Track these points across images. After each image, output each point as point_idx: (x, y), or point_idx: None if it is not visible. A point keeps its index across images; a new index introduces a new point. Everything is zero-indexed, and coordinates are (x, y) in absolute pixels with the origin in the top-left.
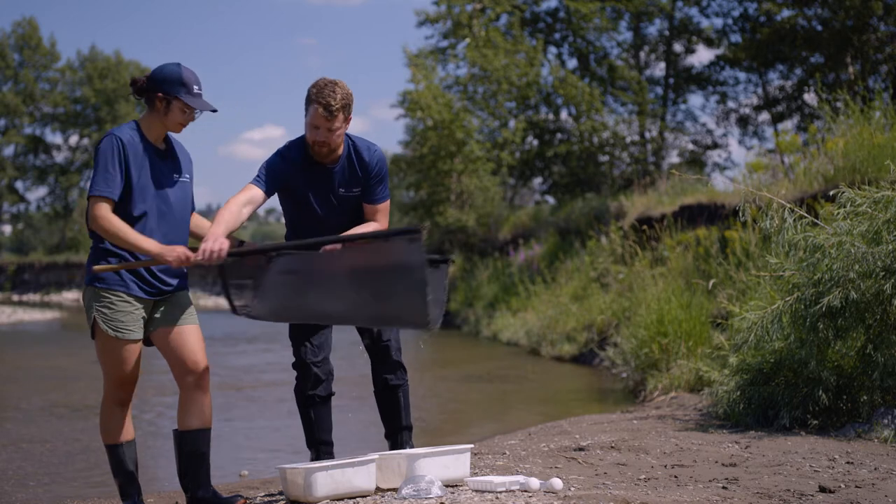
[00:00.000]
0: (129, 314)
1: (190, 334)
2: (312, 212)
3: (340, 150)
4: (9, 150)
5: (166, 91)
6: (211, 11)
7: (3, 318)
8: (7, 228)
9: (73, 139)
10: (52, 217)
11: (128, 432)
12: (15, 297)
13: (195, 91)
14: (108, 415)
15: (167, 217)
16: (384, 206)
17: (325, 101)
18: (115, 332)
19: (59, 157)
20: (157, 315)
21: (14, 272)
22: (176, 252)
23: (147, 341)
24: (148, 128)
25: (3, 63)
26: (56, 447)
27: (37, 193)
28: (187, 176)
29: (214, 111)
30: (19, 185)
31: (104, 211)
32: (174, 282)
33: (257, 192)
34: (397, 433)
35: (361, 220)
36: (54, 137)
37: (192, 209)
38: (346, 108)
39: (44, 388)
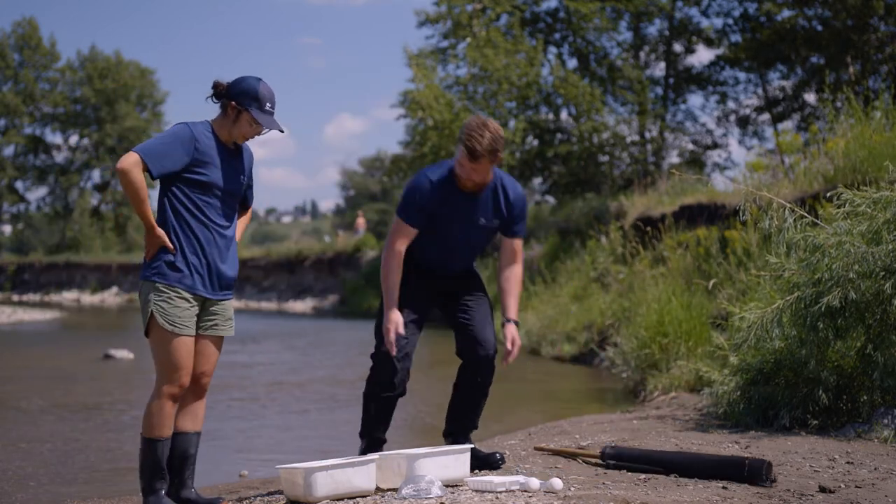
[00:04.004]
0: (186, 310)
1: (214, 344)
2: (447, 238)
3: (489, 180)
4: (9, 150)
5: (239, 102)
6: (211, 11)
7: (3, 318)
8: (7, 228)
9: (73, 139)
10: (52, 217)
11: (171, 428)
12: (15, 297)
13: (267, 108)
14: (159, 409)
15: (230, 214)
16: (520, 244)
17: (471, 146)
18: (171, 327)
19: (59, 157)
20: (202, 321)
21: (14, 272)
22: (162, 241)
23: None
24: (219, 130)
25: (3, 63)
26: (56, 447)
27: (37, 193)
28: (244, 176)
29: (282, 132)
30: (19, 185)
31: (137, 169)
32: (229, 284)
33: (410, 232)
34: (468, 431)
35: (483, 249)
36: (54, 137)
37: (247, 202)
38: (494, 152)
39: (44, 388)
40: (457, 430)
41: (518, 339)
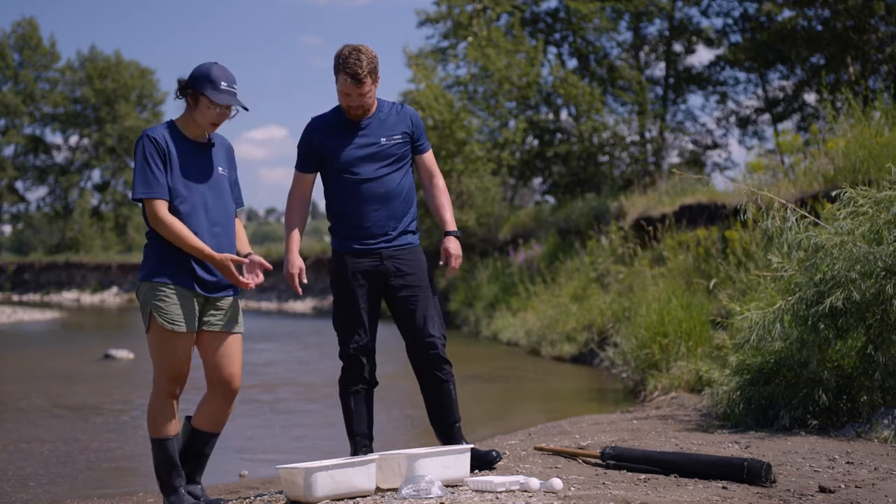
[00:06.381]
0: (185, 308)
1: (232, 344)
2: (353, 165)
3: (374, 109)
4: (9, 150)
5: (194, 88)
6: (211, 11)
7: (3, 318)
8: (7, 228)
9: (73, 139)
10: (52, 217)
11: (175, 426)
12: (15, 297)
13: (223, 87)
14: (159, 409)
15: (206, 212)
16: (431, 156)
17: (351, 71)
18: (171, 325)
19: (59, 157)
20: (206, 317)
21: (14, 272)
22: (229, 269)
23: None
24: (185, 125)
25: (3, 63)
26: (56, 447)
27: (37, 193)
28: (221, 168)
29: (246, 109)
30: (19, 185)
31: (162, 212)
32: (228, 282)
33: (307, 179)
34: (452, 428)
35: (409, 180)
36: (54, 137)
37: (237, 201)
38: (373, 71)
39: (44, 388)
40: (443, 430)
41: (456, 250)
